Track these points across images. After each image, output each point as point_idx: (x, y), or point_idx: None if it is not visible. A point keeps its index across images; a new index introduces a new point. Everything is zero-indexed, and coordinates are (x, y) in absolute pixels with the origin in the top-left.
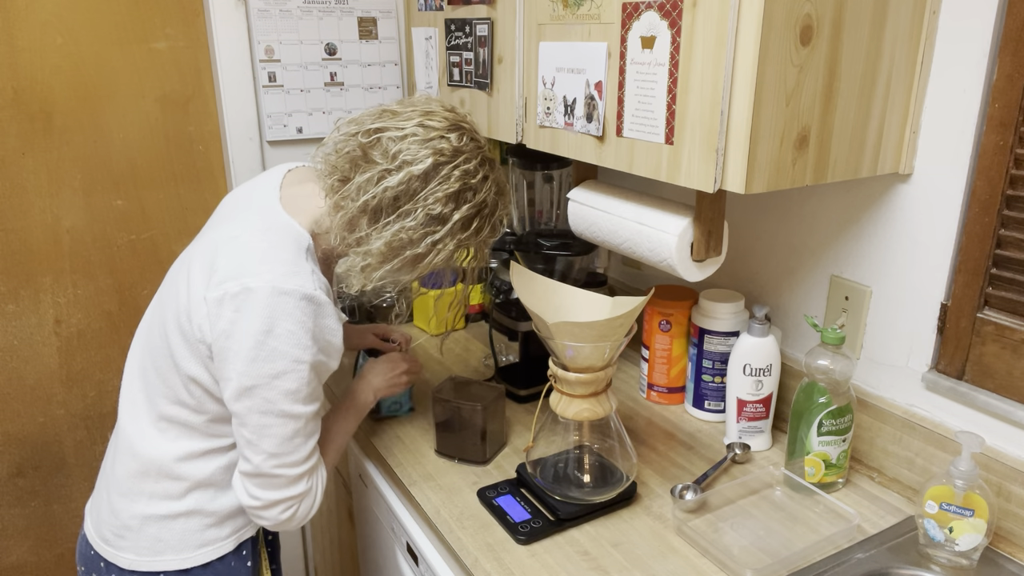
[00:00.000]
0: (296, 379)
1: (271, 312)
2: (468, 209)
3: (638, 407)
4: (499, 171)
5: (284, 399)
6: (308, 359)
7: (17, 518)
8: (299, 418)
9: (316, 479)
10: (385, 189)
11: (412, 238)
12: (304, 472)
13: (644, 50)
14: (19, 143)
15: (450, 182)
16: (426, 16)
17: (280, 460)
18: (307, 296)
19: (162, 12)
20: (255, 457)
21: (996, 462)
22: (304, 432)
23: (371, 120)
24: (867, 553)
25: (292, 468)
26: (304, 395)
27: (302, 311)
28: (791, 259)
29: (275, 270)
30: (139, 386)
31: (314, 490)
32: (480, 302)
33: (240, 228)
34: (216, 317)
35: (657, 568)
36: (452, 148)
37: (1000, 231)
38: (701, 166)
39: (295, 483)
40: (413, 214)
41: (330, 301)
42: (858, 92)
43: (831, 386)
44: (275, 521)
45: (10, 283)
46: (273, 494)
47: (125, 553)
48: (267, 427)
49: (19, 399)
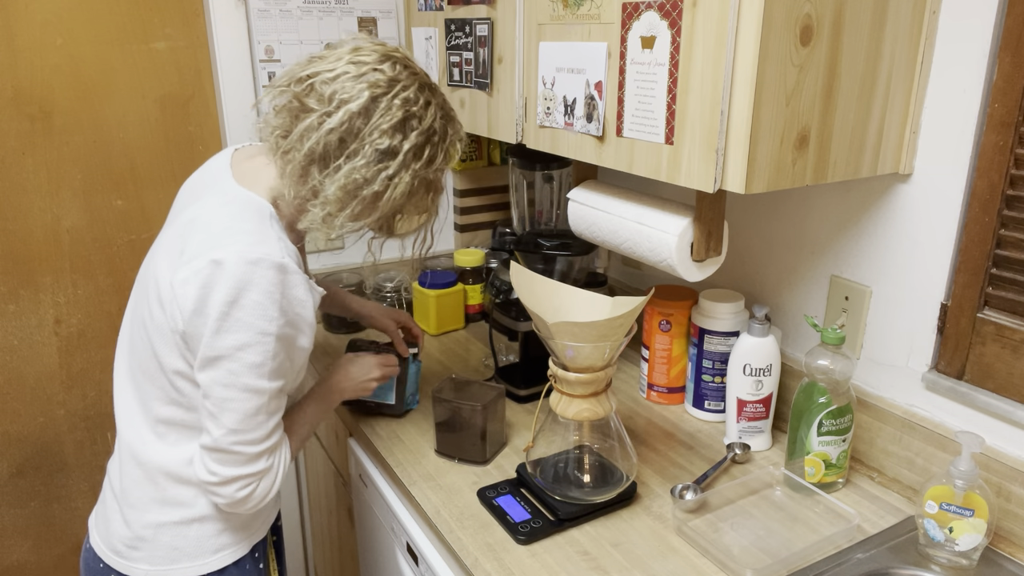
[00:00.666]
0: (261, 352)
1: (238, 282)
2: (417, 137)
3: (638, 407)
4: (442, 97)
5: (248, 372)
6: (274, 331)
7: (17, 518)
8: (263, 393)
9: (277, 458)
10: (328, 132)
11: (366, 177)
12: (265, 450)
13: (644, 50)
14: (19, 143)
15: (392, 112)
16: (426, 16)
17: (240, 436)
18: (276, 264)
19: (162, 12)
20: (215, 431)
21: (996, 462)
22: (267, 409)
23: (300, 69)
24: (867, 553)
25: (252, 445)
26: (269, 369)
27: (270, 281)
28: (791, 259)
29: (240, 240)
30: (131, 392)
31: (275, 469)
32: (480, 302)
33: (198, 209)
34: (184, 298)
35: (657, 568)
36: (387, 78)
37: (1000, 231)
38: (701, 166)
39: (254, 460)
40: (361, 152)
41: (299, 270)
42: (858, 92)
43: (831, 386)
44: (231, 499)
45: (10, 283)
46: (231, 470)
47: (139, 564)
48: (229, 400)
49: (19, 399)
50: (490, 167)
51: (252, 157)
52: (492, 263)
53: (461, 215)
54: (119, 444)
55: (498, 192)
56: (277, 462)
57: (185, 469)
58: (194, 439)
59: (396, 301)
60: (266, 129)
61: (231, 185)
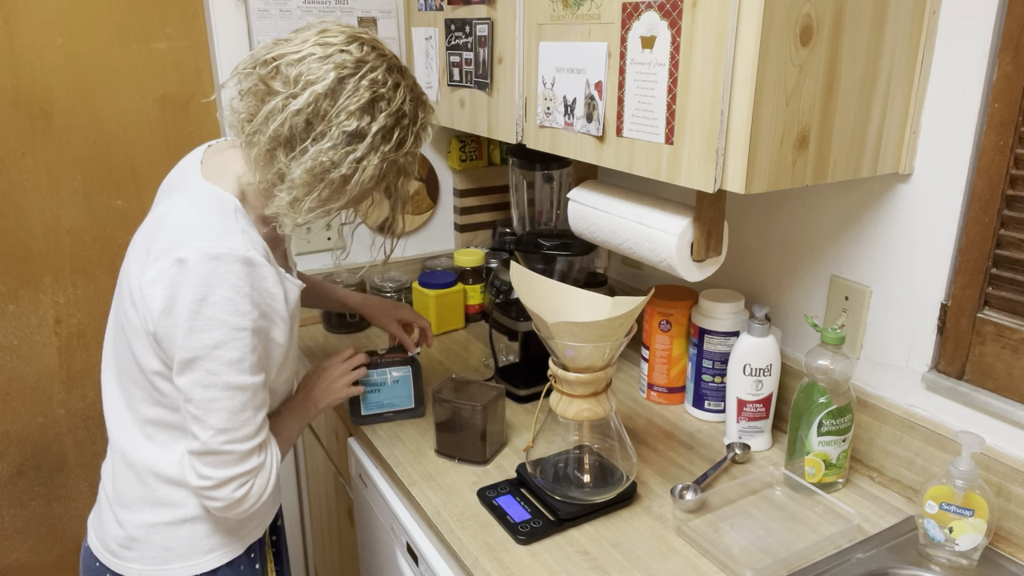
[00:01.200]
0: (238, 348)
1: (204, 279)
2: (385, 119)
3: (638, 407)
4: (412, 79)
5: (228, 370)
6: (248, 325)
7: (17, 518)
8: (245, 389)
9: (269, 453)
10: (293, 114)
11: (333, 160)
12: (256, 446)
13: (644, 50)
14: (19, 143)
15: (359, 93)
16: (426, 16)
17: (230, 435)
18: (241, 258)
19: (162, 12)
20: (203, 434)
21: (996, 462)
22: (252, 404)
23: (265, 51)
24: (867, 553)
25: (243, 443)
26: (249, 364)
27: (236, 275)
28: (791, 259)
29: (203, 236)
30: (118, 394)
31: (268, 464)
32: (480, 302)
33: (165, 208)
34: (152, 298)
35: (657, 568)
36: (354, 59)
37: (1000, 231)
38: (701, 166)
39: (247, 458)
40: (328, 134)
41: (267, 263)
42: (858, 92)
43: (831, 386)
44: (228, 501)
45: (10, 283)
46: (224, 471)
47: (133, 564)
48: (213, 401)
49: (19, 399)
50: (490, 167)
51: (223, 152)
52: (492, 263)
53: (461, 215)
54: (110, 446)
55: (498, 192)
56: (269, 458)
57: (175, 470)
58: (182, 439)
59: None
60: (233, 116)
61: (198, 181)
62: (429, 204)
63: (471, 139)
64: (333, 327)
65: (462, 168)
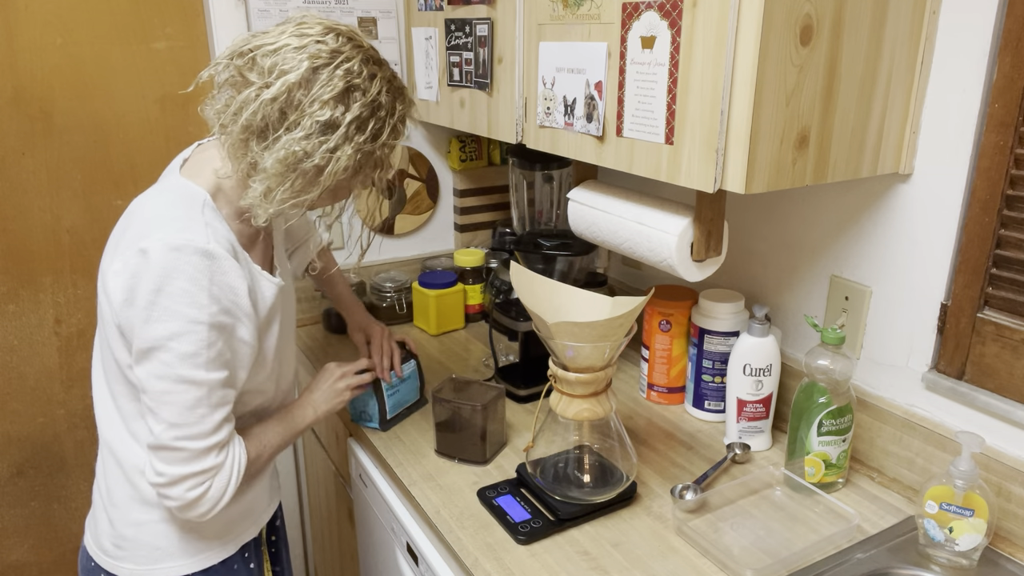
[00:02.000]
0: (194, 341)
1: (162, 270)
2: (360, 109)
3: (638, 407)
4: (391, 72)
5: (182, 363)
6: (205, 320)
7: (17, 518)
8: (200, 385)
9: (230, 455)
10: (265, 103)
11: (306, 150)
12: (212, 445)
13: (644, 50)
14: (19, 143)
15: (333, 83)
16: (426, 16)
17: (182, 431)
18: (200, 250)
19: (162, 12)
20: (156, 427)
21: (996, 462)
22: (209, 402)
23: (243, 43)
24: (867, 553)
25: (196, 440)
26: (205, 360)
27: (195, 267)
28: (791, 259)
29: (165, 227)
30: (105, 391)
31: (228, 466)
32: (480, 302)
33: (136, 202)
34: (114, 290)
35: (657, 568)
36: (330, 50)
37: (1000, 231)
38: (701, 166)
39: (201, 457)
40: (301, 124)
41: (230, 257)
42: (858, 92)
43: (831, 386)
44: (183, 500)
45: (10, 283)
46: (177, 468)
47: (125, 563)
48: (166, 393)
49: (19, 399)
50: (490, 167)
51: (208, 149)
52: (492, 263)
53: (461, 215)
54: (101, 444)
55: (498, 192)
56: (230, 460)
57: None
58: None
59: (396, 301)
60: (210, 108)
61: (173, 177)
62: (429, 204)
63: (471, 139)
64: (333, 327)
65: (462, 168)
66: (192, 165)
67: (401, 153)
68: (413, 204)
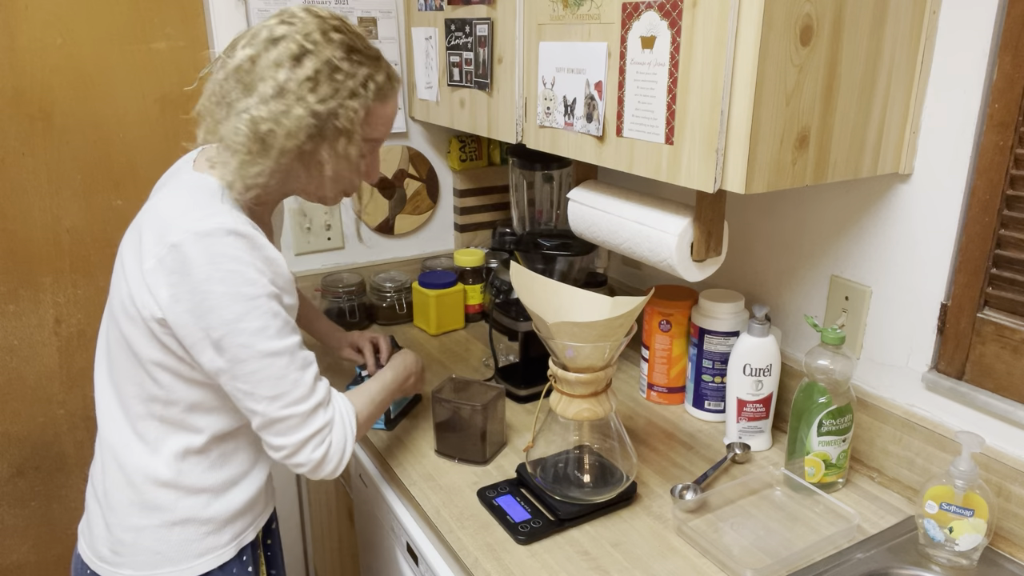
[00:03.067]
0: (259, 316)
1: (203, 258)
2: (312, 70)
3: (638, 407)
4: (362, 41)
5: (256, 339)
6: (261, 292)
7: (17, 518)
8: (281, 354)
9: (336, 409)
10: (230, 72)
11: (262, 115)
12: (314, 405)
13: (644, 50)
14: (19, 143)
15: (288, 47)
16: (426, 16)
17: (282, 401)
18: (232, 231)
19: (162, 12)
20: (258, 406)
21: (996, 462)
22: (295, 365)
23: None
24: (867, 553)
25: (299, 404)
26: (276, 330)
27: (233, 247)
28: (791, 259)
29: (189, 218)
30: (110, 393)
31: (340, 420)
32: (480, 302)
33: (154, 201)
34: (157, 286)
35: (657, 568)
36: (292, 22)
37: (1000, 231)
38: (701, 166)
39: (310, 418)
40: (256, 91)
41: (260, 234)
42: (858, 92)
43: (831, 386)
44: (312, 463)
45: (10, 283)
46: (293, 437)
47: (123, 569)
48: (254, 373)
49: (19, 399)
50: (490, 167)
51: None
52: (492, 263)
53: (461, 215)
54: (100, 447)
55: (498, 192)
56: (339, 414)
57: (165, 471)
58: (173, 435)
59: (396, 301)
60: None
61: (187, 172)
62: (429, 204)
63: (471, 139)
64: None
65: (462, 168)
66: (202, 162)
67: (401, 153)
68: (413, 204)
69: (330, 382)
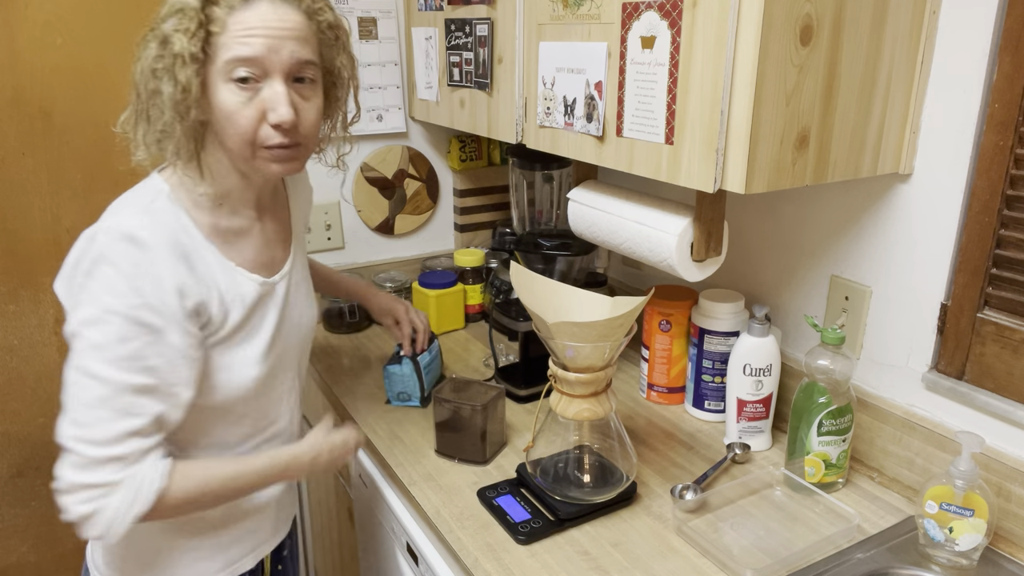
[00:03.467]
0: (105, 332)
1: (96, 254)
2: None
3: (638, 407)
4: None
5: (89, 352)
6: (121, 310)
7: (17, 518)
8: (105, 383)
9: (135, 476)
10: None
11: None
12: (109, 458)
13: (644, 50)
14: (19, 143)
15: None
16: (426, 16)
17: (78, 431)
18: (125, 236)
19: None
20: (61, 420)
21: (996, 462)
22: (112, 406)
23: None
24: (867, 553)
25: (92, 447)
26: (114, 356)
27: (119, 253)
28: (791, 259)
29: (113, 214)
30: None
31: (131, 488)
32: (480, 302)
33: None
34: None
35: (657, 568)
36: None
37: (1000, 231)
38: (701, 166)
39: (95, 468)
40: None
41: (165, 248)
42: (858, 92)
43: (831, 386)
44: (76, 515)
45: (10, 283)
46: (71, 475)
47: None
48: (72, 385)
49: (19, 399)
50: (490, 167)
51: None
52: (492, 263)
53: (461, 215)
54: None
55: (498, 192)
56: (135, 483)
57: None
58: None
59: None
60: None
61: (150, 175)
62: (429, 204)
63: (471, 139)
64: (333, 327)
65: (462, 168)
66: None
67: (401, 153)
68: (413, 204)
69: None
